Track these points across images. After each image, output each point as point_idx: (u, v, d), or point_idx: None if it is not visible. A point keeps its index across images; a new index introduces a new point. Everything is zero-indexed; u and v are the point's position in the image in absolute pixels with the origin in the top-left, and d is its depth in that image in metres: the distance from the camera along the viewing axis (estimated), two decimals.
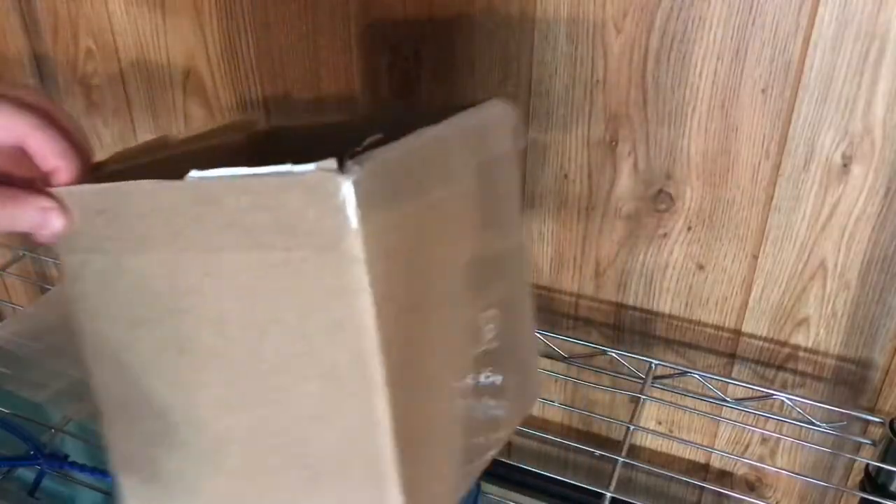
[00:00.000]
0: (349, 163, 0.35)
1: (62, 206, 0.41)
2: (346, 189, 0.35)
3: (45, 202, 0.41)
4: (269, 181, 0.37)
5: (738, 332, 0.72)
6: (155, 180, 0.39)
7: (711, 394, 0.72)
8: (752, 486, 0.82)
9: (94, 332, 0.45)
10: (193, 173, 0.37)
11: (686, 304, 0.72)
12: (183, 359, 0.44)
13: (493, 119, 0.50)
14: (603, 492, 0.61)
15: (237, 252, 0.39)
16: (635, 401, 0.70)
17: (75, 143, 0.42)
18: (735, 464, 0.81)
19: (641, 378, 0.72)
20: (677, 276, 0.71)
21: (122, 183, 0.40)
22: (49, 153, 0.41)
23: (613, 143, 0.66)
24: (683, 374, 0.72)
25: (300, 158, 0.41)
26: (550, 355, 0.76)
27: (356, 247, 0.37)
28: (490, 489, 0.79)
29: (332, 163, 0.35)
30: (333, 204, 0.36)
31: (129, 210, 0.40)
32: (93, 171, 0.44)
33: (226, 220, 0.38)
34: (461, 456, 0.50)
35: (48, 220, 0.42)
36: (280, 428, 0.44)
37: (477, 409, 0.52)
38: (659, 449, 0.84)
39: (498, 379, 0.54)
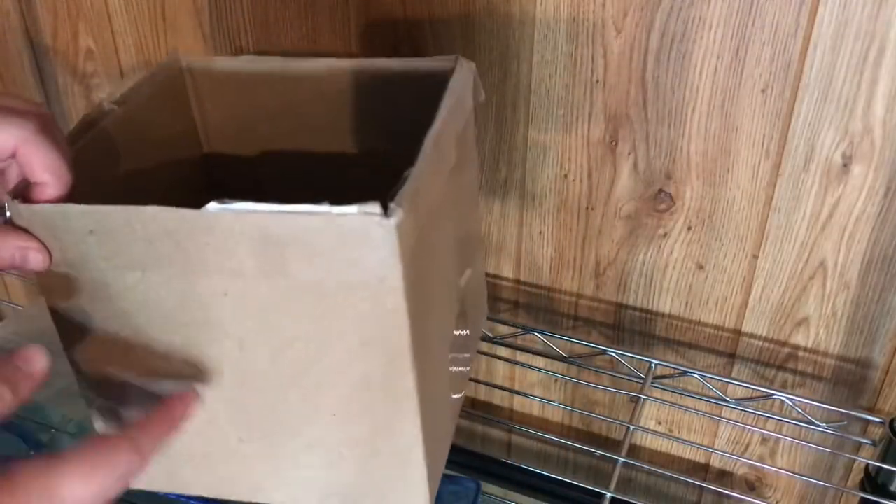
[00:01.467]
0: (392, 206, 0.36)
1: (40, 244, 0.40)
2: (390, 232, 0.37)
3: (23, 241, 0.40)
4: (304, 220, 0.37)
5: (738, 332, 0.72)
6: (162, 207, 0.38)
7: (711, 394, 0.72)
8: (752, 486, 0.82)
9: (81, 335, 0.45)
10: (213, 205, 0.38)
11: (686, 304, 0.72)
12: (190, 365, 0.44)
13: (464, 85, 0.51)
14: (603, 492, 0.61)
15: (260, 277, 0.40)
16: (635, 401, 0.70)
17: (65, 155, 0.40)
18: (735, 464, 0.81)
19: (641, 378, 0.72)
20: (677, 276, 0.71)
21: (120, 208, 0.39)
22: (39, 166, 0.39)
23: (613, 143, 0.66)
24: (683, 374, 0.72)
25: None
26: (550, 355, 0.76)
27: (396, 280, 0.39)
28: (490, 489, 0.79)
29: (375, 206, 0.36)
30: (375, 244, 0.37)
31: (126, 232, 0.40)
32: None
33: (249, 249, 0.39)
34: (450, 409, 0.54)
35: (27, 258, 0.41)
36: (299, 421, 0.46)
37: (455, 362, 0.55)
38: (659, 449, 0.84)
39: (466, 330, 0.58)
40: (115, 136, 0.50)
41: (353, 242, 0.37)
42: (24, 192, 0.40)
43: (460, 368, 0.57)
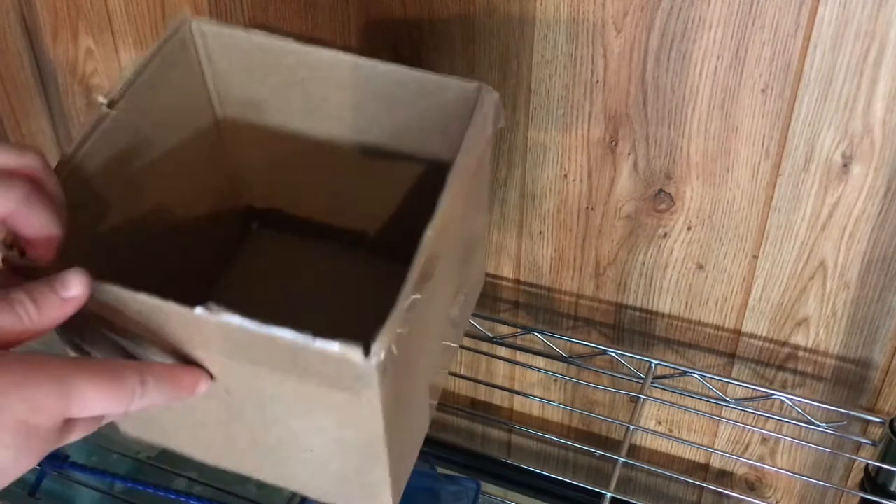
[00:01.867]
0: (374, 348, 0.37)
1: (63, 303, 0.39)
2: (371, 371, 0.38)
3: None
4: (289, 344, 0.38)
5: (737, 332, 0.72)
6: (154, 298, 0.39)
7: (711, 394, 0.72)
8: (752, 486, 0.82)
9: (85, 349, 0.47)
10: (199, 310, 0.38)
11: (686, 304, 0.72)
12: (177, 407, 0.46)
13: (486, 121, 0.50)
14: (603, 492, 0.61)
15: (247, 364, 0.42)
16: (635, 401, 0.70)
17: (57, 213, 0.40)
18: (735, 464, 0.82)
19: (641, 378, 0.72)
20: (677, 276, 0.71)
21: (115, 289, 0.40)
22: (30, 230, 0.39)
23: (613, 143, 0.66)
24: (683, 374, 0.72)
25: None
26: (550, 355, 0.76)
27: (374, 397, 0.40)
28: (490, 489, 0.79)
29: (357, 350, 0.37)
30: (356, 375, 0.39)
31: (121, 307, 0.40)
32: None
33: (234, 347, 0.40)
34: (426, 414, 0.55)
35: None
36: (279, 449, 0.49)
37: (443, 360, 0.56)
38: (659, 449, 0.84)
39: (454, 344, 0.58)
40: (135, 154, 0.52)
41: (334, 367, 0.39)
42: (16, 242, 0.40)
43: (445, 363, 0.58)
